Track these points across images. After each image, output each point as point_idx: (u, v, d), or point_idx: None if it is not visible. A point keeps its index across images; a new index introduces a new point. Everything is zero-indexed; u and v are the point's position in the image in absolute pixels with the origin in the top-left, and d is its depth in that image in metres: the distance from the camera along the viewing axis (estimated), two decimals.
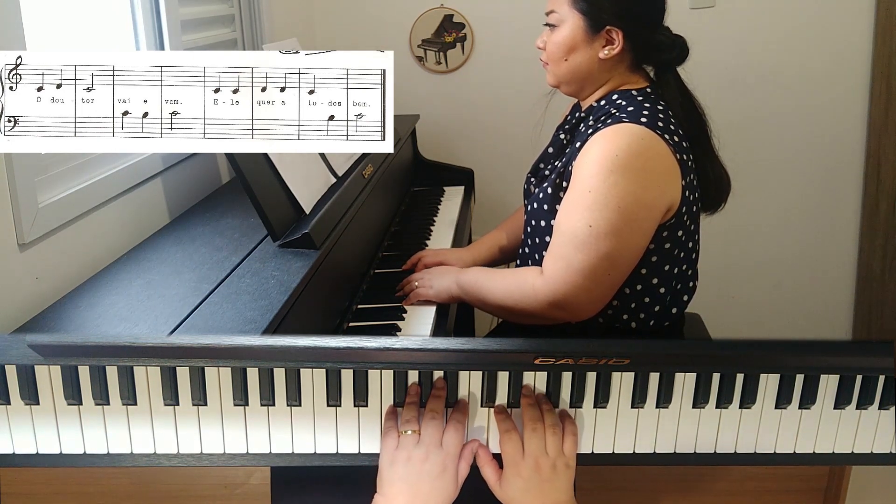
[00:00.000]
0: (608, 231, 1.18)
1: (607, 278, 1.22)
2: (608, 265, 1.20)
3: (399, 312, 1.37)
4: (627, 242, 1.21)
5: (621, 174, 1.18)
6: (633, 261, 1.24)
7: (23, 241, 1.05)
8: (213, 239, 1.28)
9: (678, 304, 1.37)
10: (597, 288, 1.22)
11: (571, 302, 1.23)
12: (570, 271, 1.21)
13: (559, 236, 1.24)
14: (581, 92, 1.37)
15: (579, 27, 1.30)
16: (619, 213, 1.18)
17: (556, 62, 1.34)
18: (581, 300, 1.23)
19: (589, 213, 1.19)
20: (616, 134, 1.22)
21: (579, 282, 1.21)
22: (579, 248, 1.20)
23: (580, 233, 1.20)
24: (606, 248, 1.19)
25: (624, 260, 1.22)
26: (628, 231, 1.20)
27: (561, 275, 1.22)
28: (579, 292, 1.22)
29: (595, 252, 1.19)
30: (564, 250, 1.22)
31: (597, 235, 1.19)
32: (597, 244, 1.19)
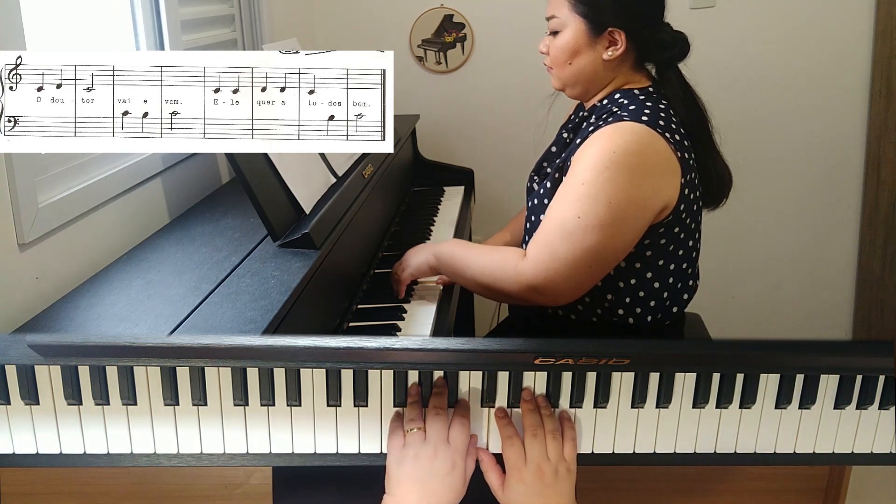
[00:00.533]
0: (595, 225, 1.19)
1: (588, 270, 1.23)
2: (591, 258, 1.21)
3: (399, 312, 1.37)
4: (613, 239, 1.21)
5: (616, 171, 1.19)
6: (618, 257, 1.25)
7: (23, 241, 1.05)
8: (213, 239, 1.28)
9: (678, 302, 1.37)
10: (577, 277, 1.23)
11: (550, 288, 1.23)
12: (552, 258, 1.22)
13: (548, 222, 1.25)
14: (586, 94, 1.38)
15: (581, 30, 1.30)
16: (609, 208, 1.19)
17: (561, 66, 1.34)
18: (560, 288, 1.23)
19: (579, 204, 1.20)
20: (616, 132, 1.22)
21: (561, 270, 1.22)
22: (565, 238, 1.21)
23: (568, 223, 1.20)
24: (591, 242, 1.20)
25: (608, 255, 1.23)
26: (615, 227, 1.20)
27: (544, 261, 1.22)
28: (559, 280, 1.22)
29: (580, 244, 1.20)
30: (550, 237, 1.23)
31: (584, 227, 1.19)
32: (583, 236, 1.20)
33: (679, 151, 1.24)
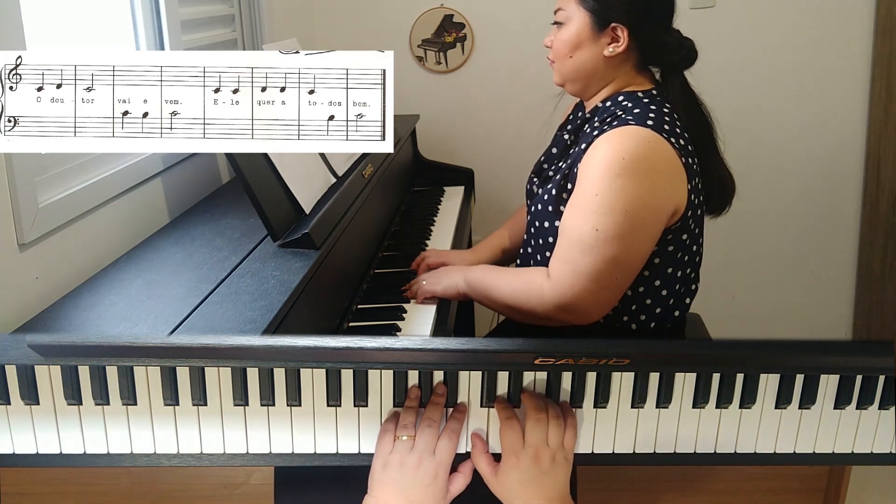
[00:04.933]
0: (615, 235, 1.18)
1: (614, 282, 1.22)
2: (615, 269, 1.20)
3: (399, 312, 1.37)
4: (634, 246, 1.21)
5: (628, 177, 1.18)
6: (640, 264, 1.24)
7: (23, 241, 1.06)
8: (213, 239, 1.28)
9: (681, 306, 1.37)
10: (603, 291, 1.22)
11: (578, 305, 1.23)
12: (576, 275, 1.21)
13: (565, 239, 1.24)
14: (586, 91, 1.37)
15: (585, 24, 1.30)
16: (626, 216, 1.18)
17: (562, 59, 1.34)
18: (588, 303, 1.23)
19: (595, 216, 1.19)
20: (622, 136, 1.22)
21: (586, 285, 1.21)
22: (586, 252, 1.20)
23: (587, 237, 1.20)
24: (613, 252, 1.19)
25: (631, 263, 1.22)
26: (635, 234, 1.20)
27: (568, 278, 1.22)
28: (586, 296, 1.22)
29: (602, 256, 1.19)
30: (571, 254, 1.22)
31: (604, 239, 1.19)
32: (603, 248, 1.19)
33: (684, 156, 1.24)
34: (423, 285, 1.41)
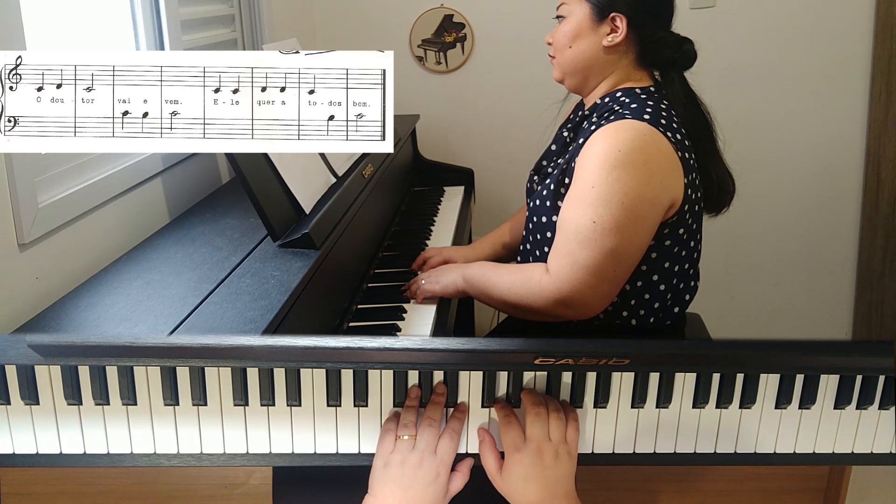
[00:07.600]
0: (612, 227, 1.18)
1: (612, 274, 1.22)
2: (613, 261, 1.20)
3: (399, 312, 1.37)
4: (631, 238, 1.21)
5: (624, 170, 1.19)
6: (638, 256, 1.25)
7: (23, 241, 1.06)
8: (213, 239, 1.28)
9: (680, 302, 1.37)
10: (602, 284, 1.22)
11: (577, 299, 1.23)
12: (575, 268, 1.21)
13: (563, 233, 1.24)
14: (585, 85, 1.37)
15: (586, 14, 1.31)
16: (623, 208, 1.18)
17: (561, 51, 1.35)
18: (586, 297, 1.23)
19: (592, 209, 1.19)
20: (618, 129, 1.22)
21: (585, 279, 1.21)
22: (584, 245, 1.20)
23: (584, 229, 1.20)
24: (611, 244, 1.19)
25: (628, 256, 1.23)
26: (632, 226, 1.20)
27: (566, 272, 1.22)
28: (585, 289, 1.22)
29: (600, 248, 1.19)
30: (569, 247, 1.22)
31: (601, 231, 1.19)
32: (601, 240, 1.19)
33: (680, 151, 1.24)
34: (422, 285, 1.42)
